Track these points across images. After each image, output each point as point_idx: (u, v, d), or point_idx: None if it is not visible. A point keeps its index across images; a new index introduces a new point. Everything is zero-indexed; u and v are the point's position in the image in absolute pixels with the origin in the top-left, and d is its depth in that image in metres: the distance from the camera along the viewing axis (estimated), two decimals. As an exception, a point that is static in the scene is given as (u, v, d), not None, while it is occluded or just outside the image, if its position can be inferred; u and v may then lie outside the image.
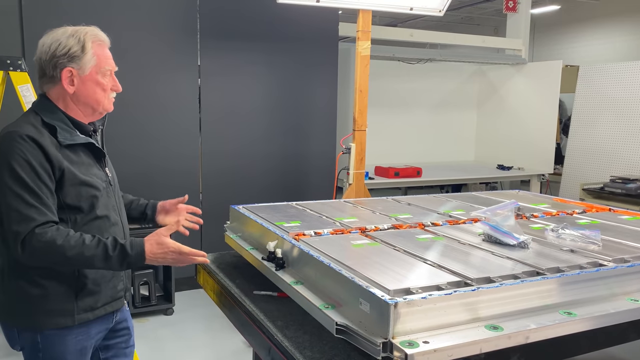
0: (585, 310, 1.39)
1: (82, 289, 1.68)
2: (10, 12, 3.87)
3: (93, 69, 1.70)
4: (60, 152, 1.63)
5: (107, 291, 1.76)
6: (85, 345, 1.74)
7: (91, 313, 1.71)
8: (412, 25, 12.47)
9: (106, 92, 1.75)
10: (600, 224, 2.13)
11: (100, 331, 1.80)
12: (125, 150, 4.22)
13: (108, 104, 1.77)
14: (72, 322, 1.67)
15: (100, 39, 1.74)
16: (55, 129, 1.65)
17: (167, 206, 2.05)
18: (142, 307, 4.10)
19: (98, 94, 1.73)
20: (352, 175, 4.13)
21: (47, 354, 1.67)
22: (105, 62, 1.73)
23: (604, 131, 6.15)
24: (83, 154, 1.72)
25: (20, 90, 3.00)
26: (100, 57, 1.72)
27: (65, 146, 1.65)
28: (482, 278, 1.40)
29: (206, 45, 4.58)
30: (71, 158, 1.66)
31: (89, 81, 1.71)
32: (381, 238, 1.81)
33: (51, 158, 1.59)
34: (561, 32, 12.63)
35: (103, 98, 1.74)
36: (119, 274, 1.80)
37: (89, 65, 1.69)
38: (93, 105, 1.74)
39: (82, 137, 1.71)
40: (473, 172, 6.51)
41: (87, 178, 1.68)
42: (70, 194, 1.64)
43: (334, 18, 5.10)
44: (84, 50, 1.68)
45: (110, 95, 1.78)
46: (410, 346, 1.16)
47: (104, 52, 1.74)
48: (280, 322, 1.55)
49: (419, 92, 7.00)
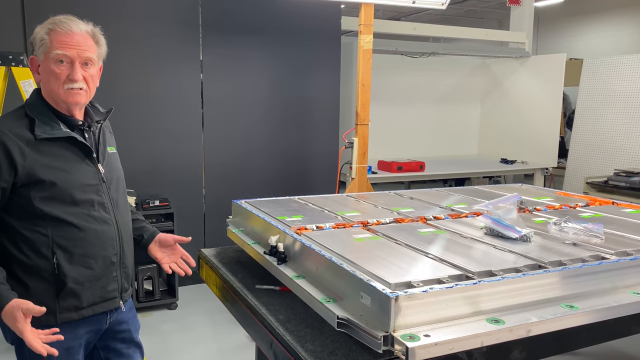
0: (588, 303, 1.39)
1: (63, 288, 1.62)
2: (13, 7, 3.87)
3: (45, 55, 1.62)
4: (34, 147, 1.58)
5: (95, 291, 1.69)
6: (72, 345, 1.70)
7: (75, 313, 1.66)
8: (414, 19, 12.42)
9: (59, 81, 1.62)
10: (603, 217, 2.12)
11: (89, 331, 1.75)
12: (127, 145, 4.21)
13: (65, 95, 1.64)
14: (55, 321, 1.63)
15: (59, 26, 1.62)
16: (35, 122, 1.61)
17: (167, 241, 1.95)
18: (145, 302, 4.12)
19: (51, 83, 1.63)
20: (355, 170, 4.13)
21: (32, 351, 1.62)
22: (56, 46, 1.60)
23: (608, 124, 6.13)
24: (66, 150, 1.65)
25: (22, 85, 3.00)
26: (53, 41, 1.60)
27: (43, 140, 1.60)
28: (484, 271, 1.40)
29: (208, 40, 4.57)
30: (46, 153, 1.60)
31: (45, 69, 1.63)
32: (383, 232, 1.81)
33: (14, 160, 1.55)
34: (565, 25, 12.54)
35: (57, 87, 1.63)
36: (111, 273, 1.74)
37: (40, 50, 1.62)
38: (52, 96, 1.66)
39: (63, 132, 1.64)
40: (476, 166, 6.49)
41: (65, 175, 1.62)
42: (42, 192, 1.59)
43: (337, 12, 5.08)
44: (35, 35, 1.63)
45: (68, 86, 1.63)
46: (411, 339, 1.16)
47: (58, 38, 1.61)
48: (282, 315, 1.55)
49: (422, 86, 6.98)
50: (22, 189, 1.59)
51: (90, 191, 1.69)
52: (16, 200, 1.61)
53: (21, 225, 1.62)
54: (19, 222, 1.62)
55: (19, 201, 1.60)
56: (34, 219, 1.61)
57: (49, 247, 1.62)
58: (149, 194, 4.35)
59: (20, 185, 1.59)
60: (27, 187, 1.59)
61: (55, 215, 1.62)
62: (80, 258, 1.66)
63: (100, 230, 1.70)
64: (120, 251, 1.77)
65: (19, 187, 1.59)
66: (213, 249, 2.27)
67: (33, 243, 1.61)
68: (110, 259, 1.73)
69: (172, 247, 1.97)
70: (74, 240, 1.64)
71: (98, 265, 1.70)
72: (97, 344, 1.85)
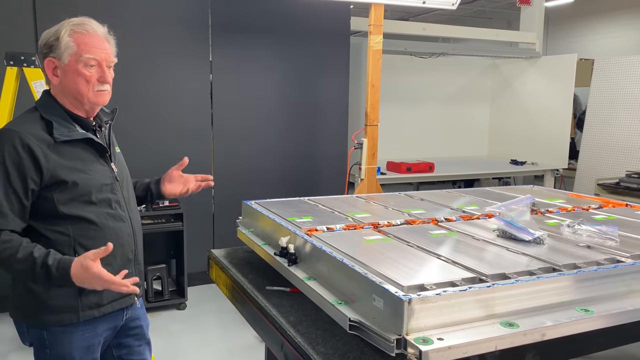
0: (603, 307, 1.37)
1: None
2: (24, 8, 3.90)
3: (72, 57, 1.63)
4: (55, 150, 1.61)
5: None
6: (93, 342, 1.73)
7: (97, 310, 1.69)
8: (423, 19, 12.38)
9: (90, 83, 1.65)
10: (617, 220, 2.10)
11: (108, 328, 1.78)
12: (137, 145, 4.23)
13: (94, 97, 1.68)
14: (77, 319, 1.66)
15: (84, 28, 1.65)
16: (52, 125, 1.63)
17: (170, 175, 2.03)
18: (155, 302, 4.13)
19: (80, 85, 1.65)
20: (364, 171, 4.11)
21: (54, 351, 1.68)
22: (87, 50, 1.63)
23: (619, 125, 6.07)
24: (83, 150, 1.68)
25: (34, 86, 3.02)
26: (81, 45, 1.63)
27: (62, 142, 1.63)
28: (497, 274, 1.38)
29: (218, 40, 4.58)
30: (67, 154, 1.63)
31: (70, 71, 1.64)
32: (394, 234, 1.80)
33: (40, 163, 1.58)
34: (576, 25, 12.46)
35: (86, 89, 1.65)
36: (128, 269, 1.73)
37: (66, 53, 1.63)
38: (77, 97, 1.67)
39: (80, 133, 1.68)
40: (486, 167, 6.45)
41: (84, 175, 1.65)
42: (63, 193, 1.62)
43: (346, 12, 5.07)
44: (58, 38, 1.64)
45: (98, 88, 1.67)
46: (424, 343, 1.15)
47: (86, 40, 1.64)
48: (293, 317, 1.54)
49: (432, 86, 6.95)
50: (45, 191, 1.62)
51: (106, 190, 1.73)
52: (39, 203, 1.63)
53: (43, 226, 1.64)
54: (41, 223, 1.64)
55: (41, 203, 1.63)
56: (56, 219, 1.63)
57: (70, 246, 1.64)
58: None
59: (44, 187, 1.61)
60: (49, 189, 1.61)
61: (76, 215, 1.65)
62: None
63: (118, 227, 1.74)
64: (135, 247, 1.82)
65: (42, 189, 1.62)
66: (223, 250, 2.27)
67: (55, 243, 1.63)
68: (127, 255, 1.77)
69: (182, 176, 2.04)
70: (94, 239, 1.67)
71: (117, 262, 1.72)
72: (110, 341, 1.86)
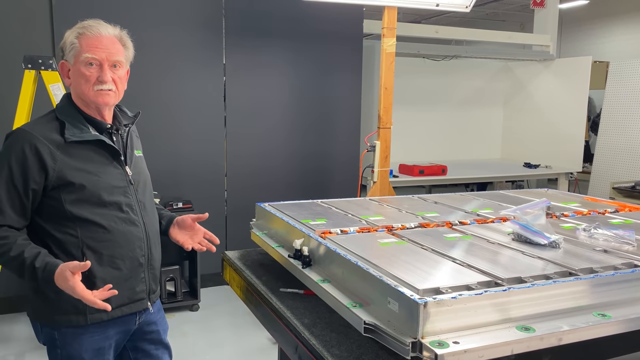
0: (620, 312, 1.35)
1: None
2: (41, 11, 3.95)
3: (75, 58, 1.67)
4: (64, 150, 1.62)
5: (123, 292, 1.70)
6: (103, 345, 1.73)
7: (105, 313, 1.67)
8: (435, 22, 12.35)
9: (89, 82, 1.66)
10: (634, 224, 2.07)
11: (119, 332, 1.77)
12: (151, 148, 4.23)
13: (94, 96, 1.68)
14: (85, 321, 1.67)
15: (88, 29, 1.67)
16: (65, 125, 1.65)
17: (184, 221, 1.94)
18: (168, 303, 4.16)
19: (82, 85, 1.67)
20: (377, 173, 4.11)
21: (64, 351, 1.69)
22: (87, 49, 1.65)
23: (635, 128, 6.00)
24: (95, 152, 1.69)
25: (51, 89, 3.06)
26: (82, 45, 1.66)
27: (73, 143, 1.64)
28: (513, 278, 1.37)
29: (231, 43, 4.61)
30: (76, 155, 1.64)
31: (75, 72, 1.68)
32: (408, 237, 1.79)
33: (45, 164, 1.60)
34: (590, 27, 12.34)
35: (87, 90, 1.67)
36: (139, 275, 1.76)
37: (71, 54, 1.67)
38: (82, 97, 1.70)
39: (91, 134, 1.69)
40: (499, 170, 6.41)
41: (94, 177, 1.66)
42: (71, 194, 1.63)
43: (359, 15, 5.08)
44: (65, 40, 1.68)
45: (98, 87, 1.67)
46: (440, 346, 1.14)
47: (88, 41, 1.66)
48: (307, 319, 1.54)
49: (445, 89, 6.92)
50: (52, 192, 1.63)
51: (118, 193, 1.72)
52: (47, 203, 1.64)
53: (51, 227, 1.65)
54: (50, 223, 1.65)
55: (50, 203, 1.64)
56: (64, 220, 1.64)
57: (78, 247, 1.65)
58: (172, 196, 4.40)
59: (51, 187, 1.62)
60: (57, 189, 1.62)
61: (84, 216, 1.65)
62: (108, 259, 1.68)
63: (128, 231, 1.73)
64: (148, 252, 1.80)
65: (50, 190, 1.63)
66: (236, 252, 2.27)
67: (63, 244, 1.64)
68: (138, 260, 1.76)
69: (192, 227, 1.94)
70: (102, 241, 1.67)
71: (126, 266, 1.72)
72: (127, 344, 1.87)
